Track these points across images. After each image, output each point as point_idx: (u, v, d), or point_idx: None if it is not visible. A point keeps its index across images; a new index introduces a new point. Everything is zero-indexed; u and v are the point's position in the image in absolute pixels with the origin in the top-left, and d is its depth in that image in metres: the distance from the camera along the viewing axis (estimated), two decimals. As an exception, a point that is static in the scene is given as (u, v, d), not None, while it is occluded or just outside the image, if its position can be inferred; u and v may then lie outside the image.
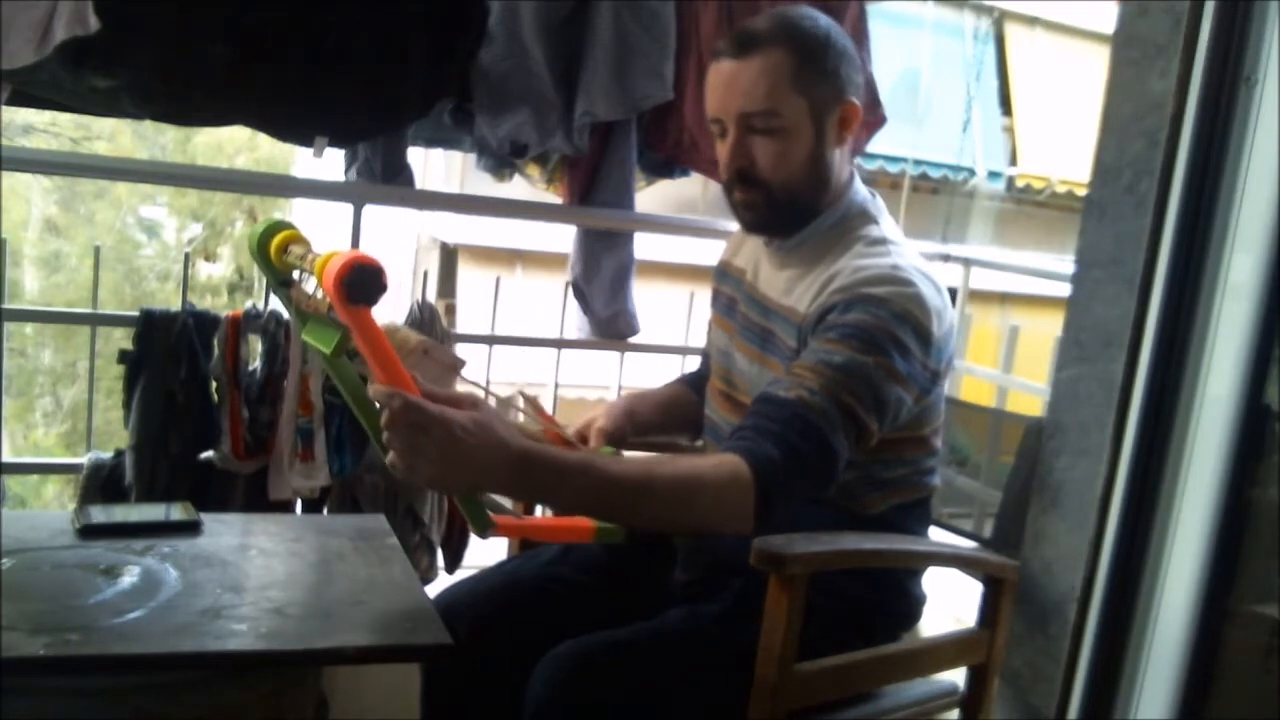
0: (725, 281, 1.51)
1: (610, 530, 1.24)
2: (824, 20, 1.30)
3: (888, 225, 1.36)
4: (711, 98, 1.31)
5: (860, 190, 1.37)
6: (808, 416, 1.14)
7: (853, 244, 1.31)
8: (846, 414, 1.16)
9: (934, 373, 1.25)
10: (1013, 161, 7.62)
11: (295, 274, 1.10)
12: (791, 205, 1.32)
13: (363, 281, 0.94)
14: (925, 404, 1.28)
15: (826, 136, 1.30)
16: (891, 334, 1.19)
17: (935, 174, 7.28)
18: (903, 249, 1.31)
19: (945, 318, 1.27)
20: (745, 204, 1.33)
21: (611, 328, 2.29)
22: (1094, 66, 7.02)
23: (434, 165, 6.24)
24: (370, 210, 2.03)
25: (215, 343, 1.87)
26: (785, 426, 1.14)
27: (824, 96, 1.28)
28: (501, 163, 2.21)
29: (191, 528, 1.28)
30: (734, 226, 1.41)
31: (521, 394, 1.54)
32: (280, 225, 1.08)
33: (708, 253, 1.62)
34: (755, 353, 1.38)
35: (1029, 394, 2.36)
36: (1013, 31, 7.70)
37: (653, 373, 3.01)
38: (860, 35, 2.26)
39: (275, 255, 1.07)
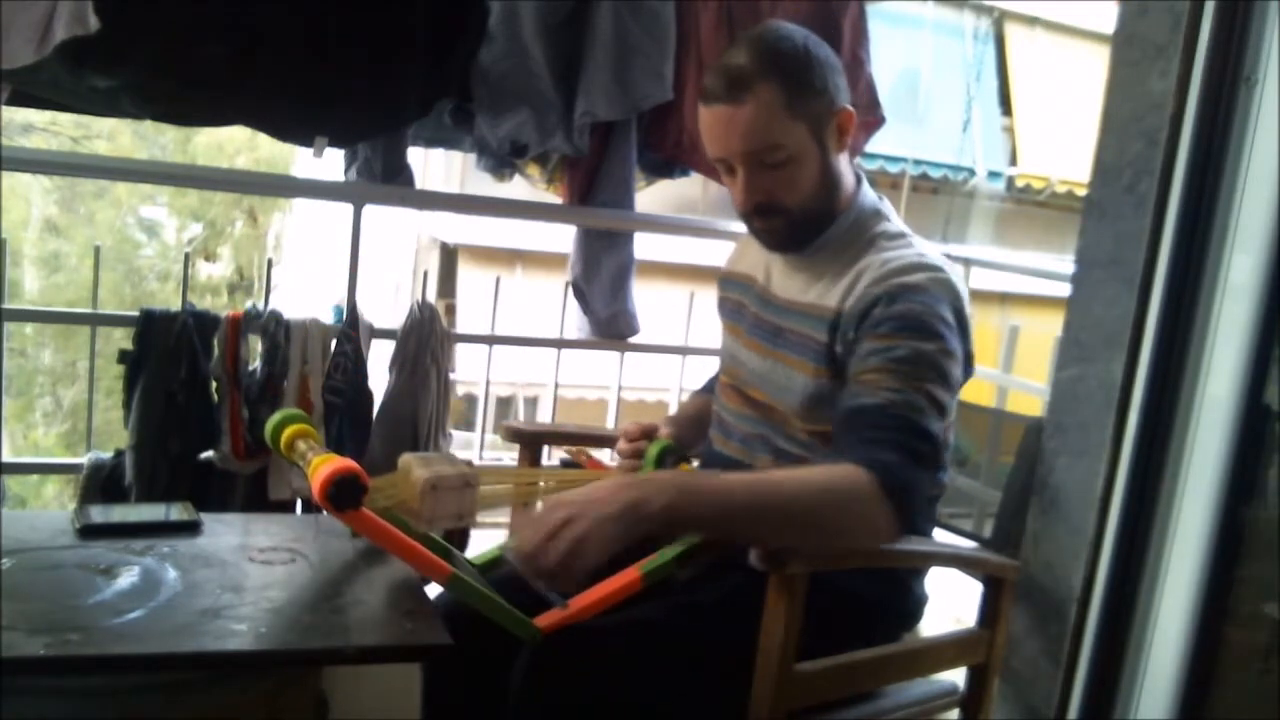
0: (730, 289, 1.54)
1: (658, 568, 1.26)
2: (800, 36, 1.31)
3: (898, 222, 1.40)
4: (712, 142, 1.32)
5: (869, 192, 1.41)
6: (901, 413, 1.16)
7: (875, 239, 1.35)
8: (930, 400, 1.18)
9: (969, 354, 1.30)
10: (1013, 161, 7.62)
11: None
12: (811, 220, 1.35)
13: (342, 494, 1.03)
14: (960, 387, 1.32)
15: (829, 149, 1.33)
16: (940, 316, 1.24)
17: (935, 174, 7.28)
18: (920, 241, 1.37)
19: (968, 302, 1.32)
20: (767, 230, 1.36)
21: (611, 328, 2.29)
22: (1094, 66, 7.02)
23: (434, 165, 6.25)
24: (370, 210, 2.03)
25: (215, 343, 1.87)
26: (886, 430, 1.15)
27: (819, 113, 1.30)
28: (501, 163, 2.21)
29: (191, 528, 1.27)
30: (734, 227, 1.42)
31: (567, 451, 1.61)
32: (290, 419, 1.17)
33: (708, 253, 1.63)
34: (764, 348, 1.40)
35: (1029, 394, 2.36)
36: (1013, 31, 7.71)
37: (653, 373, 3.02)
38: (860, 35, 2.26)
39: (285, 449, 1.16)
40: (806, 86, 1.28)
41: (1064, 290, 0.88)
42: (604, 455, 1.59)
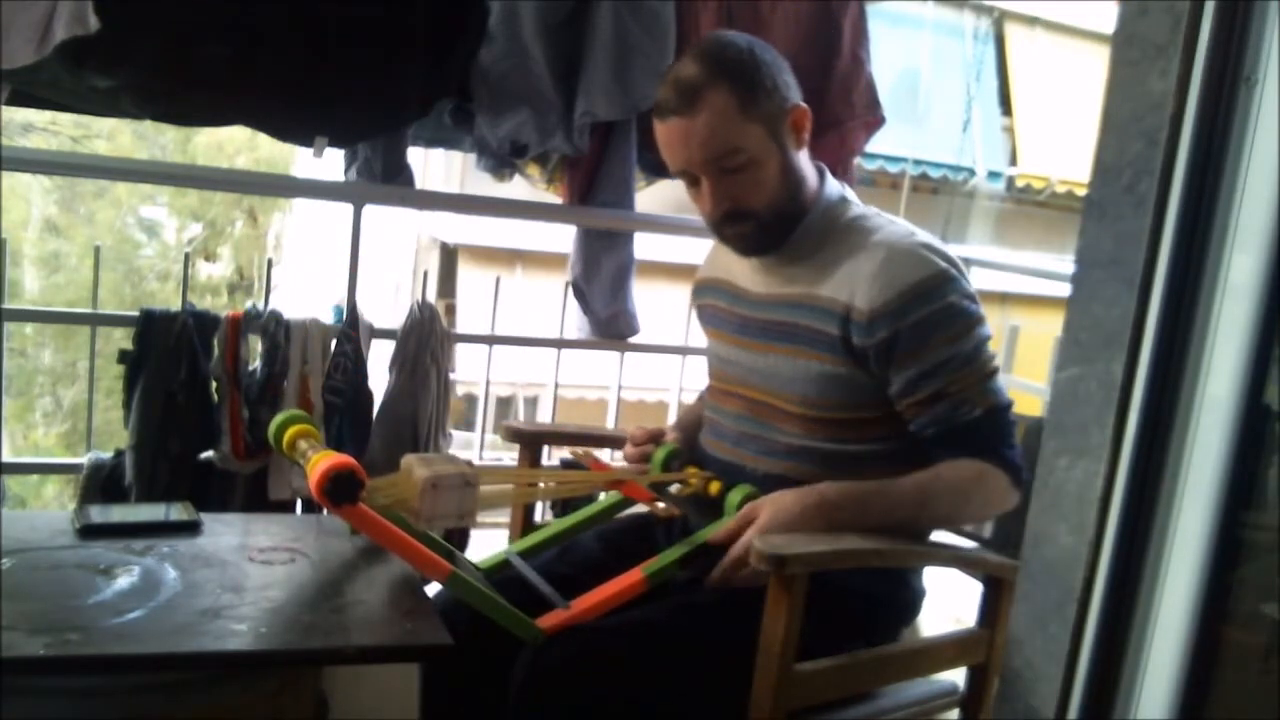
0: (706, 295, 1.56)
1: (661, 569, 1.28)
2: (743, 40, 1.33)
3: (864, 204, 1.44)
4: (671, 155, 1.33)
5: (832, 182, 1.43)
6: (993, 408, 1.30)
7: (852, 223, 1.38)
8: (994, 373, 1.32)
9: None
10: (1013, 161, 7.62)
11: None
12: (780, 220, 1.36)
13: (339, 489, 1.05)
14: None
15: (787, 147, 1.34)
16: (966, 294, 1.32)
17: (935, 174, 7.28)
18: (891, 216, 1.42)
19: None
20: (738, 236, 1.37)
21: (611, 328, 2.29)
22: (1094, 66, 7.02)
23: (434, 165, 6.25)
24: (370, 210, 2.03)
25: (215, 343, 1.87)
26: (993, 433, 1.31)
27: (772, 113, 1.31)
28: (501, 163, 2.21)
29: (191, 528, 1.27)
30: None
31: (571, 451, 1.62)
32: (293, 419, 1.19)
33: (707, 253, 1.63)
34: (759, 345, 1.41)
35: (1029, 394, 2.36)
36: (1013, 31, 7.70)
37: (653, 373, 3.02)
38: (860, 35, 2.26)
39: (287, 448, 1.18)
40: (757, 87, 1.29)
41: (1064, 290, 0.88)
42: (604, 454, 1.59)
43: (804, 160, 1.38)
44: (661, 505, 1.38)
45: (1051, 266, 2.82)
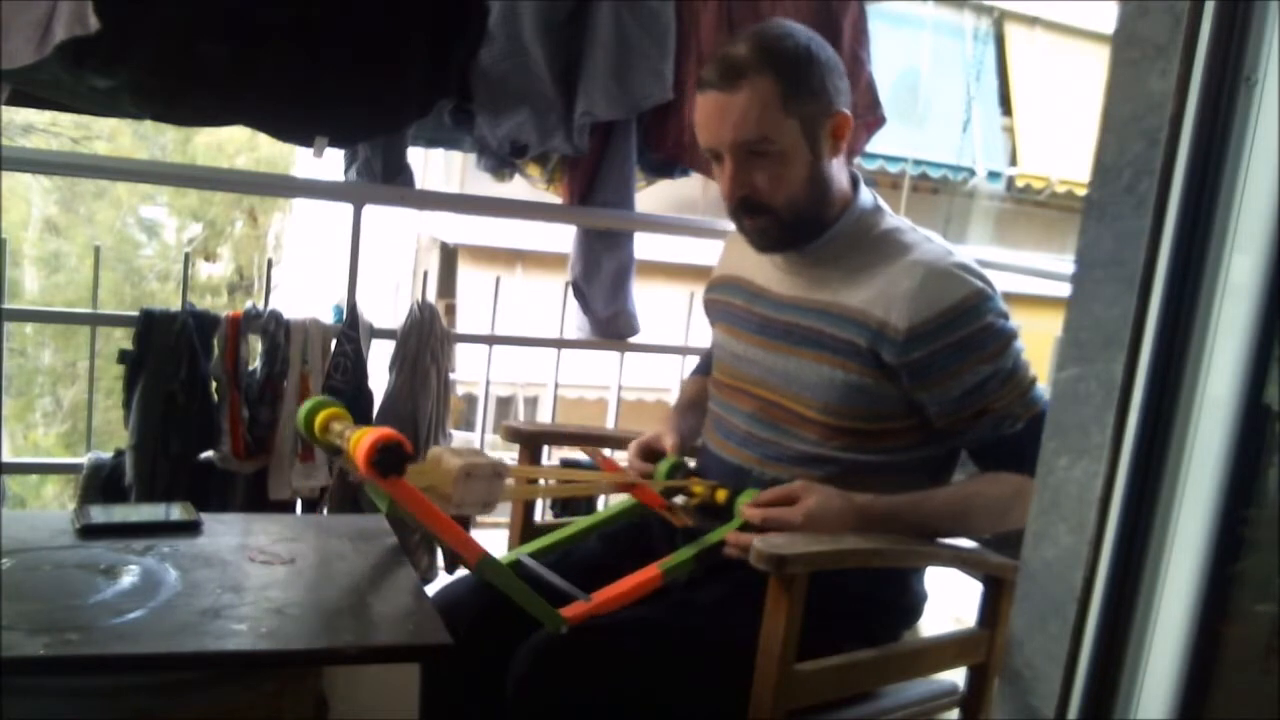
0: (720, 291, 1.54)
1: (677, 566, 1.29)
2: (803, 35, 1.32)
3: (896, 216, 1.42)
4: (703, 130, 1.33)
5: (866, 191, 1.41)
6: (1036, 419, 1.29)
7: (885, 236, 1.37)
8: (1033, 382, 1.33)
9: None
10: (1013, 161, 7.62)
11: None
12: (800, 222, 1.35)
13: (387, 460, 1.06)
14: None
15: (822, 151, 1.33)
16: (1002, 312, 1.32)
17: (935, 174, 7.28)
18: (922, 229, 1.40)
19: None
20: (755, 229, 1.36)
21: (611, 328, 2.29)
22: (1094, 66, 7.03)
23: (434, 165, 6.25)
24: (370, 210, 2.03)
25: (215, 343, 1.87)
26: (1036, 450, 1.28)
27: (814, 114, 1.30)
28: (501, 163, 2.21)
29: (191, 528, 1.27)
30: (732, 226, 1.42)
31: (583, 449, 1.61)
32: (322, 404, 1.20)
33: (708, 253, 1.63)
34: (782, 347, 1.39)
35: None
36: (1013, 31, 7.71)
37: (653, 373, 3.02)
38: (860, 35, 2.26)
39: (319, 432, 1.18)
40: (803, 85, 1.28)
41: (1064, 290, 0.88)
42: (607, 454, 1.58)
43: (837, 167, 1.36)
44: (676, 512, 1.38)
45: (1051, 266, 2.81)
